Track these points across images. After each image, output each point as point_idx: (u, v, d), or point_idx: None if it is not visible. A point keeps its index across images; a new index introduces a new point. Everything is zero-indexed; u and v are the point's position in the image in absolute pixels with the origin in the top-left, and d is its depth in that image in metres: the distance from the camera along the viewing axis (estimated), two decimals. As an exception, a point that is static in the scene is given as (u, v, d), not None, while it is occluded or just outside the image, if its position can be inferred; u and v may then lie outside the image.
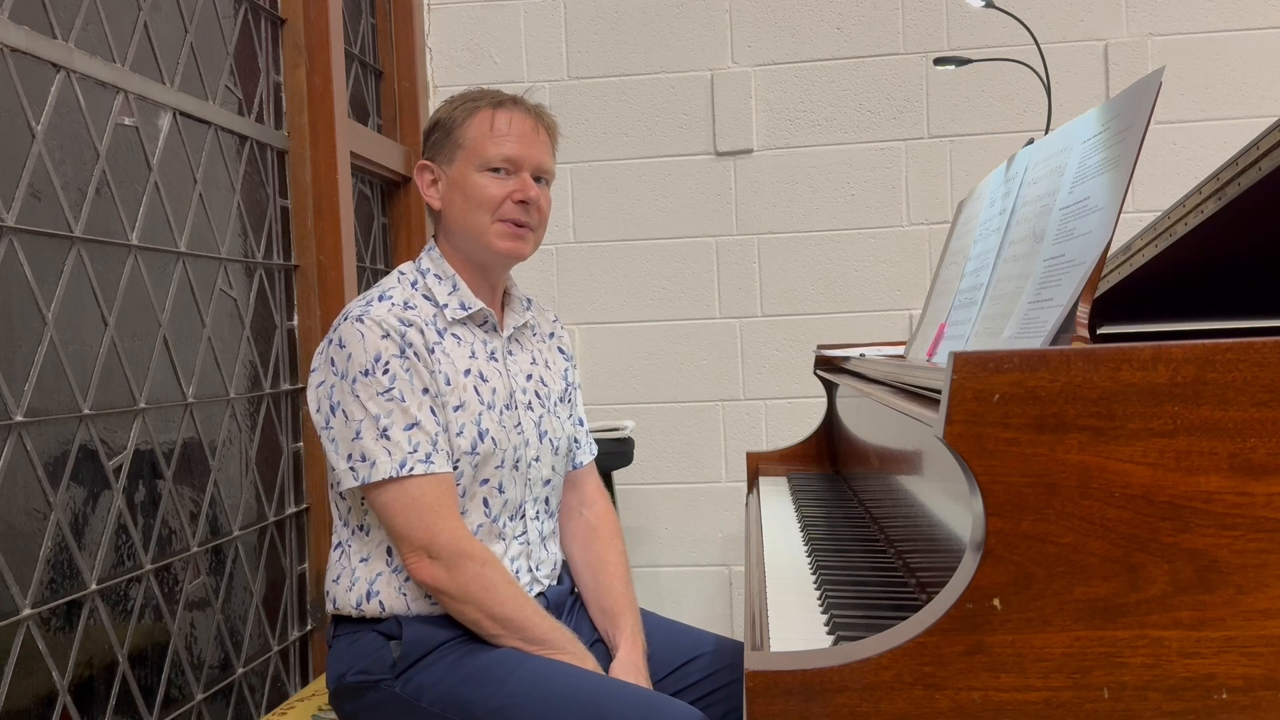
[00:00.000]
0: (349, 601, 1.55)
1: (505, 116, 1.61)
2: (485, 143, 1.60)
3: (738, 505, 3.11)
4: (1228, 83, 2.95)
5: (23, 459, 1.55)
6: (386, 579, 1.54)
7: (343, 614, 1.56)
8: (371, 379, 1.49)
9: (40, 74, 1.64)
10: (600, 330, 3.13)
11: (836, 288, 3.09)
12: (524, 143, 1.61)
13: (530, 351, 1.70)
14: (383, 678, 1.51)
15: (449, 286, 1.61)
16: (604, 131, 3.13)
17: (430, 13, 3.19)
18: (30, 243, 1.58)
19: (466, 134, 1.61)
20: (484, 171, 1.59)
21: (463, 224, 1.61)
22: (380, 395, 1.48)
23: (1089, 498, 0.83)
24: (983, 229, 1.55)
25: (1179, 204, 1.30)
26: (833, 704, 0.84)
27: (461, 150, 1.61)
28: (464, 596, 1.47)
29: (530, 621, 1.49)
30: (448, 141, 1.62)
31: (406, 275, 1.63)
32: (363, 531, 1.57)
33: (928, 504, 1.25)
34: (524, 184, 1.60)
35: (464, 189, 1.60)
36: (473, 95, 1.65)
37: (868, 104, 3.08)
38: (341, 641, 1.56)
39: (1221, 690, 0.83)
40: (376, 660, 1.51)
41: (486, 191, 1.59)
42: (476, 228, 1.59)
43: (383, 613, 1.53)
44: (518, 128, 1.61)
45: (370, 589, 1.54)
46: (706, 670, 1.64)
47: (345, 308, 1.57)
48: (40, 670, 1.57)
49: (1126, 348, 0.84)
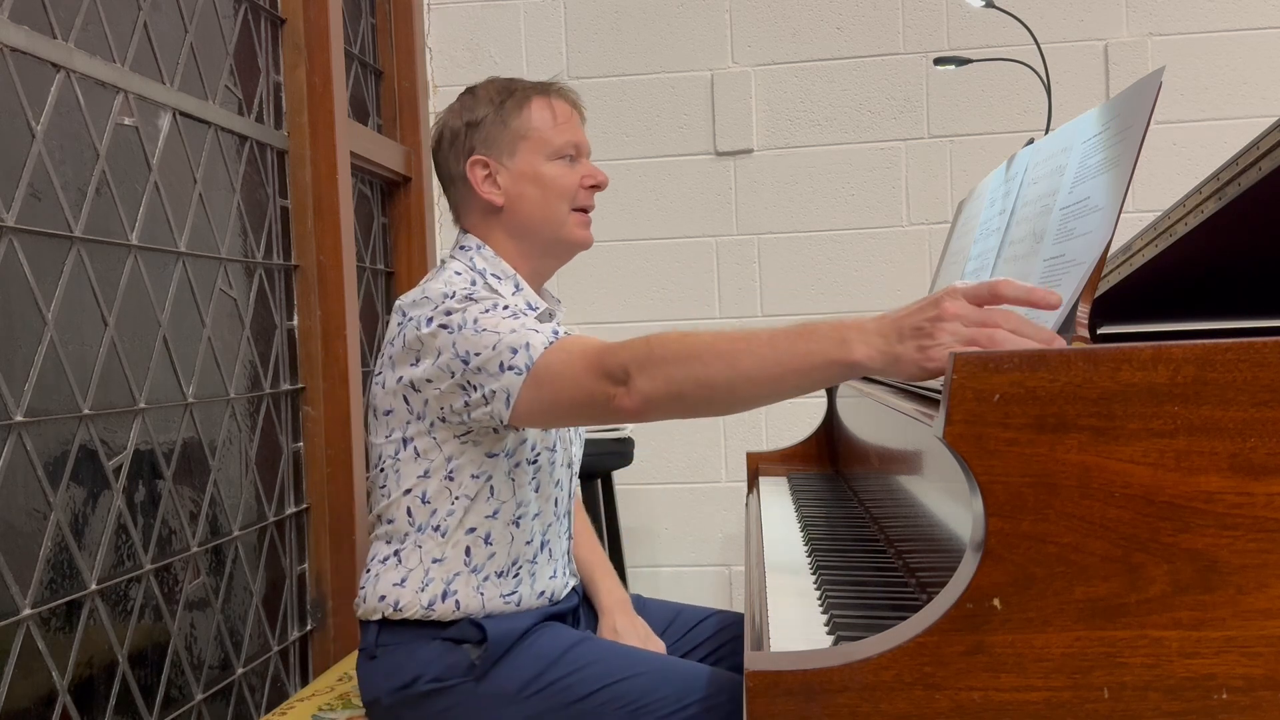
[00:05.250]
0: (418, 603, 1.51)
1: (560, 104, 1.60)
2: (551, 131, 1.58)
3: (738, 505, 3.11)
4: (1228, 83, 2.95)
5: (22, 459, 1.55)
6: (465, 578, 1.52)
7: (402, 618, 1.52)
8: (490, 308, 1.43)
9: (40, 74, 1.64)
10: (600, 330, 3.13)
11: (836, 288, 3.09)
12: (580, 129, 1.62)
13: None
14: (460, 681, 1.48)
15: (511, 286, 1.57)
16: (604, 131, 3.13)
17: (430, 13, 3.19)
18: (30, 243, 1.58)
19: (529, 124, 1.58)
20: (555, 160, 1.58)
21: (540, 216, 1.58)
22: (504, 313, 1.42)
23: (1089, 498, 0.84)
24: (983, 229, 1.55)
25: (1179, 204, 1.30)
26: (833, 704, 0.84)
27: (526, 141, 1.58)
28: (677, 388, 1.26)
29: (750, 343, 1.22)
30: (505, 133, 1.58)
31: (464, 275, 1.55)
32: (439, 532, 1.53)
33: (928, 504, 1.25)
34: (591, 169, 1.60)
35: (538, 179, 1.57)
36: (511, 86, 1.62)
37: (868, 104, 3.08)
38: (398, 650, 1.51)
39: (1222, 690, 0.83)
40: (451, 665, 1.48)
41: (563, 181, 1.58)
42: (555, 219, 1.58)
43: (457, 613, 1.51)
44: (570, 114, 1.61)
45: (447, 589, 1.51)
46: (713, 629, 1.73)
47: (420, 297, 1.49)
48: (40, 670, 1.56)
49: (1126, 348, 0.84)
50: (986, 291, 1.05)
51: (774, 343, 1.18)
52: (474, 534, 1.53)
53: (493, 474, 1.52)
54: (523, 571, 1.56)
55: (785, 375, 1.18)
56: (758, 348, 1.19)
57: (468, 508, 1.53)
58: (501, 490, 1.53)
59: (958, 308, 1.05)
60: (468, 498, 1.52)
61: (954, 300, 1.06)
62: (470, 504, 1.53)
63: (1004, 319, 1.04)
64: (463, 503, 1.53)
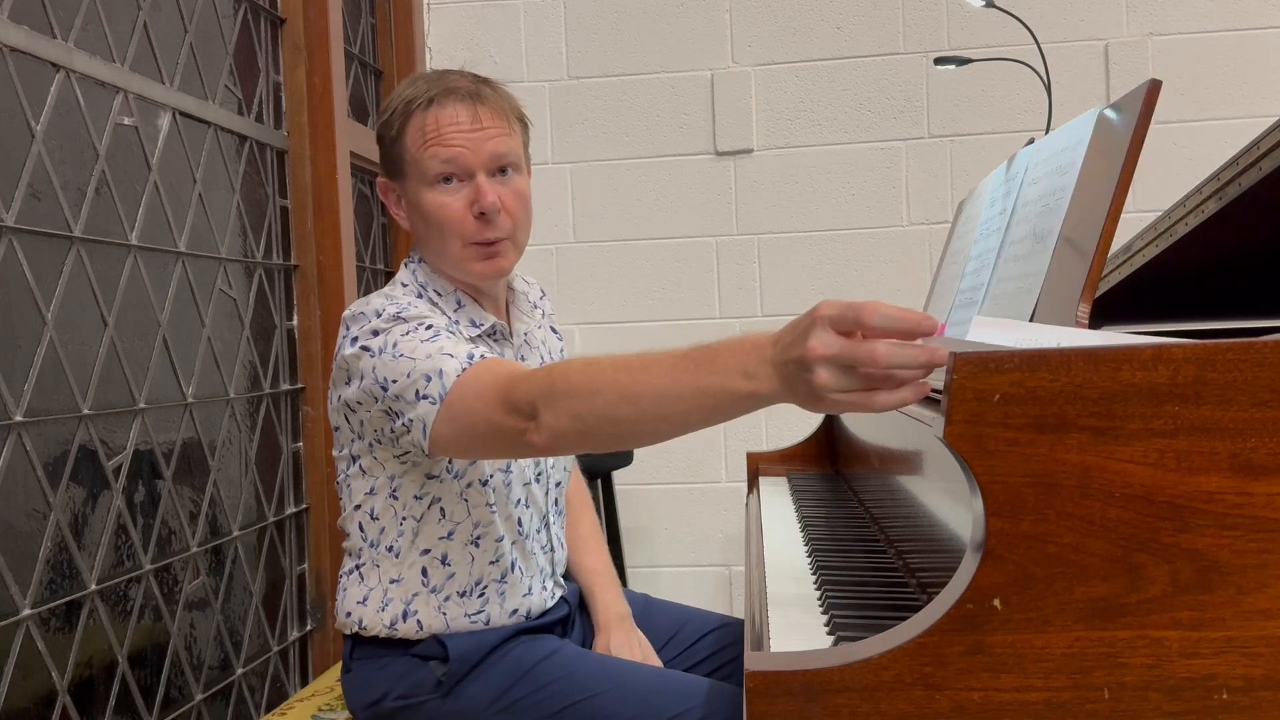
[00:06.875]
0: (380, 622, 1.47)
1: (438, 115, 1.41)
2: (424, 153, 1.41)
3: (738, 505, 3.10)
4: (1228, 83, 2.95)
5: (22, 459, 1.55)
6: (424, 599, 1.47)
7: (369, 635, 1.49)
8: (411, 328, 1.35)
9: (40, 74, 1.63)
10: (600, 330, 3.13)
11: (836, 288, 3.09)
12: (465, 139, 1.41)
13: (540, 350, 1.61)
14: (427, 698, 1.45)
15: (453, 303, 1.49)
16: (604, 131, 3.13)
17: (430, 13, 3.19)
18: (30, 243, 1.58)
19: (409, 147, 1.43)
20: (435, 186, 1.42)
21: (436, 250, 1.47)
22: (423, 335, 1.34)
23: (1089, 498, 0.83)
24: (983, 229, 1.55)
25: (1179, 204, 1.31)
26: (833, 704, 0.83)
27: (408, 165, 1.44)
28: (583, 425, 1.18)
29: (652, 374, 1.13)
30: (392, 156, 1.46)
31: (410, 287, 1.49)
32: (392, 553, 1.48)
33: (928, 504, 1.25)
34: (479, 190, 1.41)
35: (422, 212, 1.44)
36: (407, 95, 1.45)
37: (868, 104, 3.08)
38: (367, 665, 1.50)
39: (1222, 690, 0.82)
40: (417, 682, 1.46)
41: (445, 211, 1.42)
42: (450, 254, 1.45)
43: (420, 632, 1.47)
44: (455, 122, 1.41)
45: (406, 609, 1.47)
46: (715, 646, 1.66)
47: (360, 310, 1.44)
48: (40, 670, 1.56)
49: (1126, 347, 0.84)
50: (853, 319, 0.95)
51: (675, 375, 1.10)
52: (429, 555, 1.48)
53: (441, 496, 1.47)
54: (489, 591, 1.50)
55: (690, 413, 1.10)
56: (659, 381, 1.11)
57: (417, 529, 1.47)
58: (454, 512, 1.47)
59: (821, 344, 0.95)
60: (414, 519, 1.47)
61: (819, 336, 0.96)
62: (419, 525, 1.47)
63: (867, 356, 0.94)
64: (411, 524, 1.47)
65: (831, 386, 0.96)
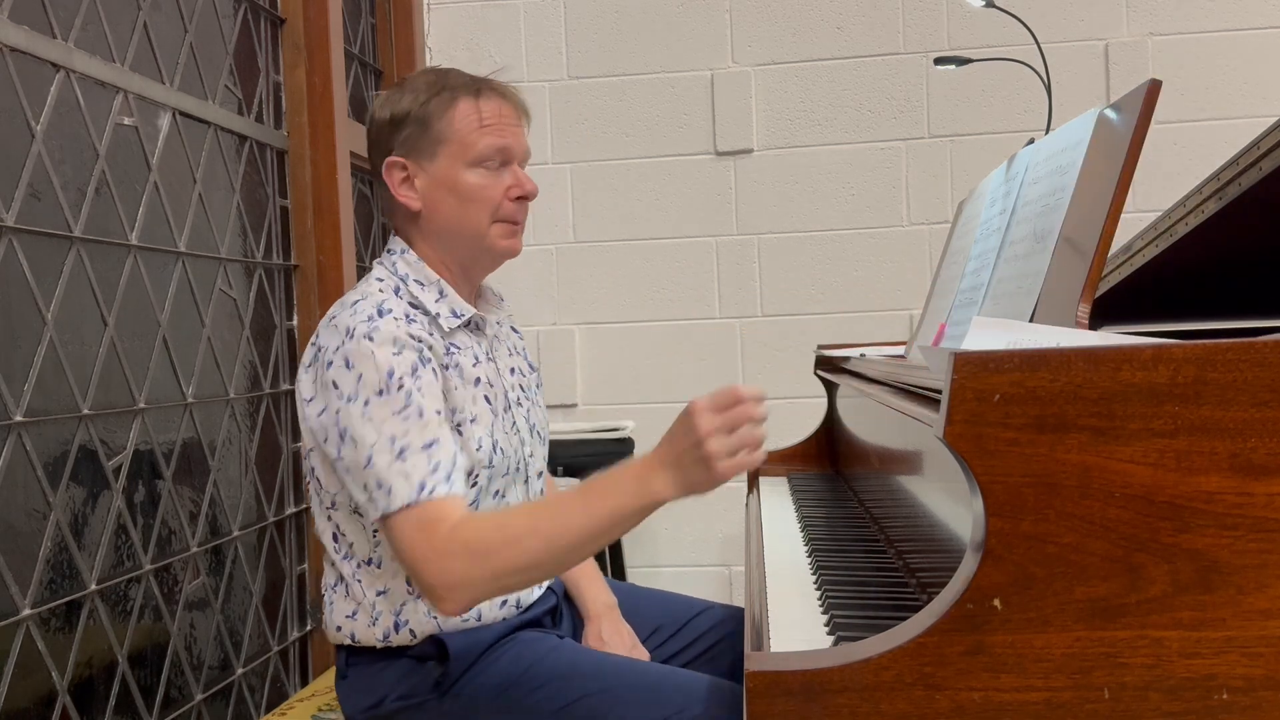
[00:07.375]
0: (373, 636, 1.46)
1: (490, 104, 1.49)
2: (474, 136, 1.47)
3: (738, 505, 3.10)
4: (1228, 83, 2.95)
5: (22, 459, 1.55)
6: (413, 606, 1.46)
7: (364, 646, 1.48)
8: (387, 398, 1.35)
9: (40, 74, 1.64)
10: (600, 330, 3.13)
11: (836, 288, 3.09)
12: (511, 131, 1.50)
13: (506, 344, 1.62)
14: (426, 699, 1.45)
15: (434, 293, 1.49)
16: (604, 131, 3.13)
17: (430, 13, 3.19)
18: (30, 243, 1.58)
19: (451, 127, 1.48)
20: (476, 167, 1.48)
21: (457, 225, 1.49)
22: (397, 414, 1.35)
23: (1089, 498, 0.83)
24: (983, 229, 1.55)
25: (1179, 204, 1.31)
26: (833, 704, 0.83)
27: (446, 145, 1.48)
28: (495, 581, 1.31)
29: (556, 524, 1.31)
30: (426, 135, 1.48)
31: (387, 283, 1.48)
32: (372, 565, 1.46)
33: (928, 504, 1.25)
34: (519, 177, 1.50)
35: (456, 188, 1.48)
36: (441, 82, 1.50)
37: (868, 104, 3.08)
38: (365, 670, 1.49)
39: (1222, 690, 0.82)
40: (416, 683, 1.46)
41: (485, 191, 1.48)
42: (474, 229, 1.49)
43: (414, 640, 1.46)
44: (504, 115, 1.50)
45: (398, 620, 1.45)
46: (707, 625, 1.69)
47: (334, 319, 1.42)
48: (40, 670, 1.56)
49: (1126, 347, 0.84)
50: (728, 398, 1.23)
51: (587, 508, 1.29)
52: None
53: None
54: None
55: (600, 534, 1.30)
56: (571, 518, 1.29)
57: None
58: None
59: (707, 424, 1.22)
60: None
61: (703, 417, 1.22)
62: None
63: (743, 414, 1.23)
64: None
65: (725, 452, 1.22)
